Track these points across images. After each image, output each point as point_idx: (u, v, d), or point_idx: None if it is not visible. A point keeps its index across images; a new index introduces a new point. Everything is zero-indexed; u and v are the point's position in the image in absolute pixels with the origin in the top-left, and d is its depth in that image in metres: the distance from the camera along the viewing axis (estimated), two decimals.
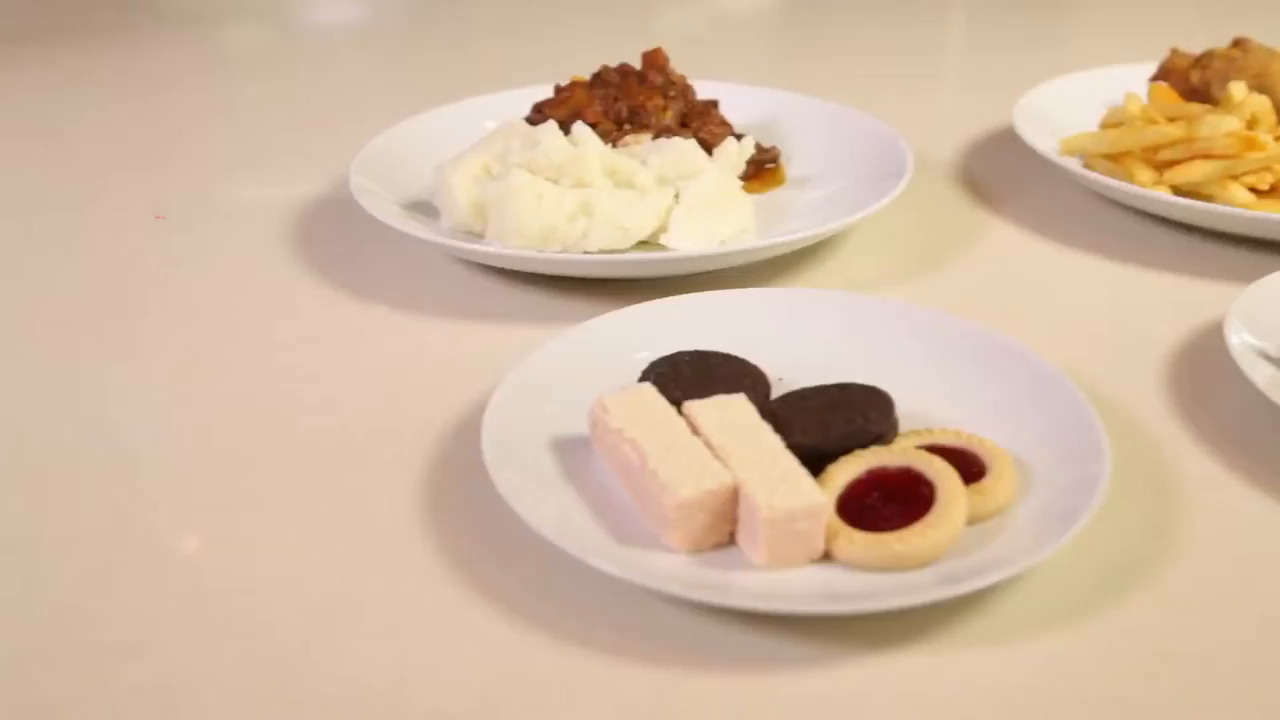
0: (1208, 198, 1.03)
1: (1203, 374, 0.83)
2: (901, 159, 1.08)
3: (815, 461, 0.67)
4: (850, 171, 1.12)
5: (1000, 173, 1.21)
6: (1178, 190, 1.04)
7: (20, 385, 0.85)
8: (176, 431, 0.80)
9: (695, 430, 0.67)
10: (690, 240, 0.98)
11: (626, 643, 0.60)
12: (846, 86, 1.51)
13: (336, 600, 0.64)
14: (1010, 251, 1.05)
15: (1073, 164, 1.09)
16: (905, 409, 0.75)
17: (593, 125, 1.10)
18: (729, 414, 0.68)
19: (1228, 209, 0.98)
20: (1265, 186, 1.02)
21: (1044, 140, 1.15)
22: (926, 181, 1.19)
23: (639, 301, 0.85)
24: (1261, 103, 1.06)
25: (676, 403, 0.71)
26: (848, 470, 0.66)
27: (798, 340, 0.83)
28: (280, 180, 1.23)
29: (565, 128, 1.11)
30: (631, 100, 1.10)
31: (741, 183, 1.11)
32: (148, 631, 0.62)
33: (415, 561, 0.66)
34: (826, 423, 0.69)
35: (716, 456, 0.65)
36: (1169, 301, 0.94)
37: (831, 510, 0.64)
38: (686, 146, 1.02)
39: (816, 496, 0.61)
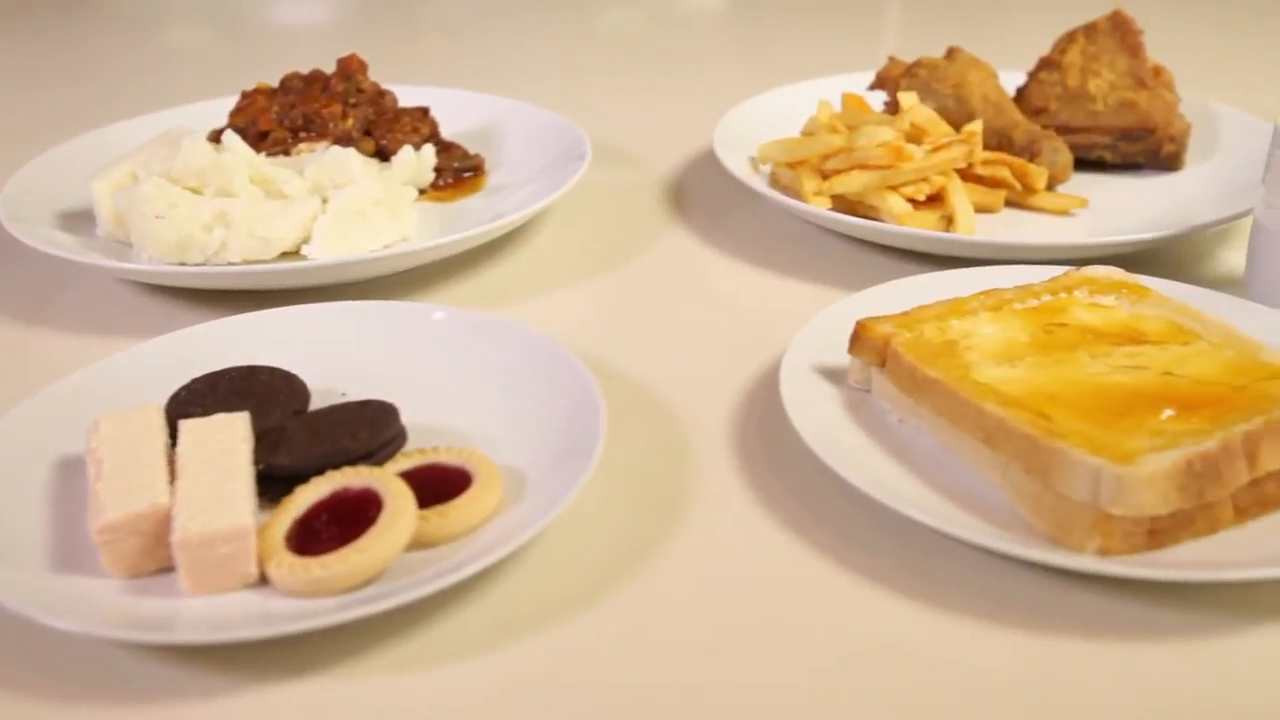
0: (871, 208, 1.02)
1: (776, 395, 0.82)
2: (580, 166, 1.07)
3: (303, 481, 0.67)
4: (541, 179, 1.11)
5: (708, 183, 1.20)
6: (841, 199, 1.03)
7: None
8: None
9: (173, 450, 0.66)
10: (333, 250, 0.97)
11: (46, 680, 0.59)
12: (592, 98, 1.50)
13: None
14: (676, 262, 1.03)
15: (756, 178, 1.08)
16: (440, 423, 0.75)
17: (266, 132, 1.09)
18: (215, 434, 0.67)
19: (860, 221, 0.97)
20: (922, 197, 1.01)
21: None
22: (635, 194, 1.18)
23: None
24: (926, 113, 1.05)
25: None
26: (315, 491, 0.65)
27: (377, 353, 0.82)
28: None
29: (247, 135, 1.10)
30: (308, 108, 1.09)
31: (421, 190, 1.11)
32: None
33: None
34: (313, 442, 0.68)
35: (172, 478, 0.64)
36: (806, 316, 0.93)
37: (280, 533, 0.62)
38: (343, 155, 1.01)
39: (239, 520, 0.60)
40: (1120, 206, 1.07)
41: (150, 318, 0.94)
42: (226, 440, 0.66)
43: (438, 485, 0.66)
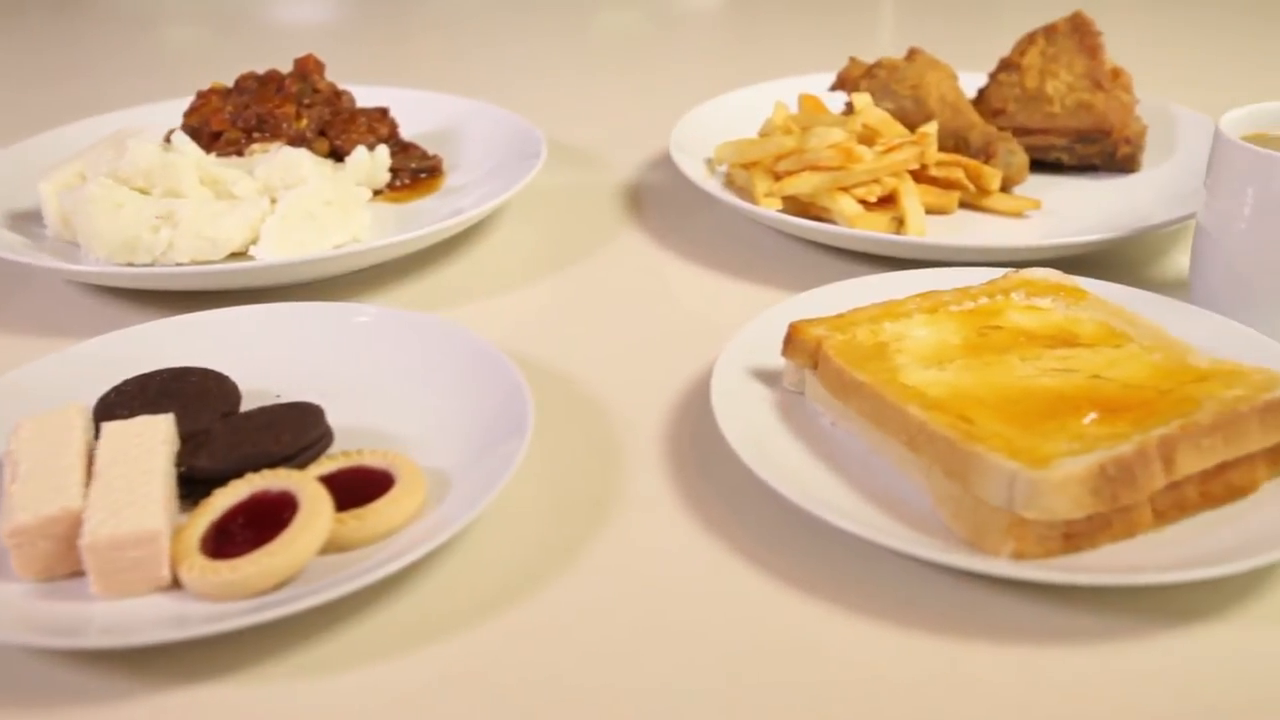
0: (823, 209, 1.01)
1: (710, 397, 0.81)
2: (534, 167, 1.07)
3: (223, 484, 0.66)
4: (495, 180, 1.11)
5: (667, 185, 1.19)
6: (794, 200, 1.02)
7: None
8: None
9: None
10: (282, 251, 0.96)
11: None
12: (571, 99, 1.50)
13: None
14: (629, 264, 1.03)
15: (711, 180, 1.08)
16: (371, 425, 0.75)
17: (220, 133, 1.08)
18: (135, 436, 0.66)
19: (807, 223, 0.97)
20: (874, 199, 1.00)
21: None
22: (594, 195, 1.17)
23: None
24: (879, 114, 1.04)
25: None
26: (232, 494, 0.64)
27: (312, 355, 0.81)
28: None
29: (200, 135, 1.10)
30: (262, 108, 1.08)
31: (377, 191, 1.11)
32: None
33: None
34: (235, 445, 0.68)
35: (89, 481, 0.63)
36: (749, 318, 0.92)
37: (195, 536, 0.62)
38: (293, 155, 1.01)
39: (149, 523, 0.60)
40: (1075, 208, 1.07)
41: (98, 319, 0.94)
42: (146, 442, 0.66)
43: (361, 488, 0.66)
